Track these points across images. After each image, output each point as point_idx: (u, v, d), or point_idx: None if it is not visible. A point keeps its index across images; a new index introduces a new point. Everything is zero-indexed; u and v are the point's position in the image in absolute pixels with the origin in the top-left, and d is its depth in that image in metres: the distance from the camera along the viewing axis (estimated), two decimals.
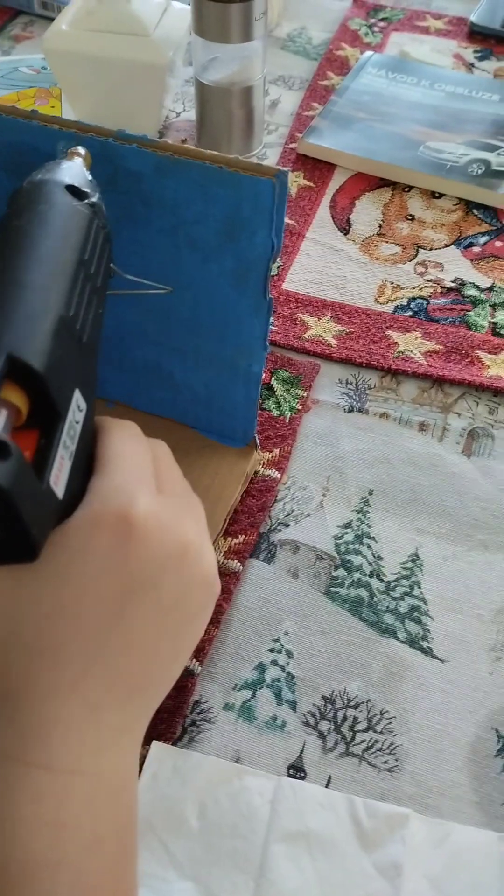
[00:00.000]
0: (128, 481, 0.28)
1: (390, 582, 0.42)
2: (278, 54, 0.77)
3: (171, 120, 0.69)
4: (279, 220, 0.35)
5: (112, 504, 0.27)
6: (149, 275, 0.40)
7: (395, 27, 0.81)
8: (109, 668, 0.27)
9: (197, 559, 0.29)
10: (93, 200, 0.31)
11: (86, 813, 0.25)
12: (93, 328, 0.29)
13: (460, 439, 0.48)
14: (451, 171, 0.63)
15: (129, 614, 0.27)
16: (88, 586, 0.26)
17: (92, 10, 0.61)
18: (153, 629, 0.28)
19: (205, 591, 0.30)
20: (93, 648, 0.26)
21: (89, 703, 0.26)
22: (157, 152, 0.34)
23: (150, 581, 0.27)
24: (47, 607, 0.26)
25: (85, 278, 0.29)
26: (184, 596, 0.29)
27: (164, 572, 0.28)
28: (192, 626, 0.30)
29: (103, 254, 0.31)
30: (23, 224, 0.29)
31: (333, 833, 0.34)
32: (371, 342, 0.53)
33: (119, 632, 0.27)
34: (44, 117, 0.35)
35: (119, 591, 0.27)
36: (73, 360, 0.27)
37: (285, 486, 0.46)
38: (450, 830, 0.34)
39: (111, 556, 0.27)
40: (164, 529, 0.28)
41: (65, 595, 0.26)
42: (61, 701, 0.26)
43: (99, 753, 0.26)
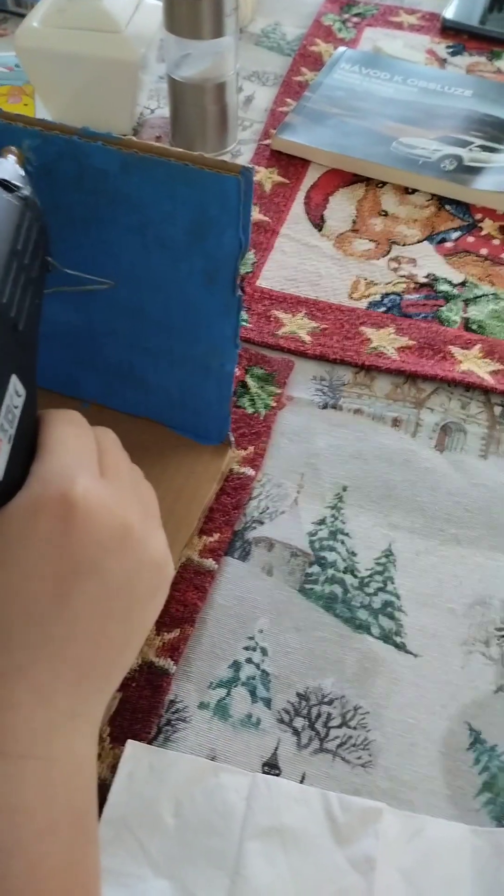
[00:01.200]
0: (68, 464, 0.28)
1: (364, 578, 0.42)
2: (252, 50, 0.77)
3: (145, 117, 0.69)
4: (246, 217, 0.35)
5: (52, 486, 0.27)
6: (118, 275, 0.40)
7: (368, 22, 0.81)
8: (56, 652, 0.26)
9: (141, 541, 0.29)
10: (24, 193, 0.32)
11: (40, 797, 0.25)
12: (29, 316, 0.30)
13: (433, 434, 0.49)
14: (424, 167, 0.64)
15: (73, 598, 0.27)
16: (31, 570, 0.26)
17: (63, 7, 0.61)
18: (99, 613, 0.28)
19: (153, 574, 0.30)
20: (38, 633, 0.26)
21: (38, 687, 0.26)
22: (121, 150, 0.34)
23: (93, 564, 0.27)
24: None
25: (19, 268, 0.30)
26: (130, 579, 0.29)
27: (106, 555, 0.28)
28: (142, 609, 0.30)
29: (38, 245, 0.32)
30: None
31: (307, 828, 0.34)
32: (345, 338, 0.53)
33: (64, 616, 0.27)
34: (8, 115, 0.34)
35: (61, 574, 0.27)
36: (9, 346, 0.28)
37: (260, 483, 0.46)
38: (423, 824, 0.35)
39: (52, 539, 0.27)
40: (105, 511, 0.28)
41: (7, 580, 0.26)
42: (10, 686, 0.26)
43: (51, 738, 0.26)
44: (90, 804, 0.27)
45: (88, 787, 0.28)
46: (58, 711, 0.26)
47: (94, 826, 0.27)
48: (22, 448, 0.29)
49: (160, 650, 0.39)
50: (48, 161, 0.35)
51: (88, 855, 0.27)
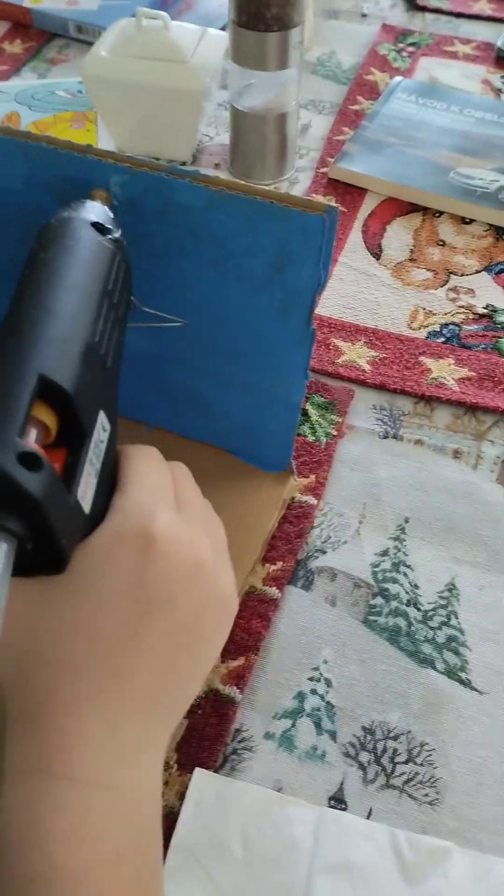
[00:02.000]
0: (148, 499, 0.29)
1: (427, 611, 0.42)
2: (308, 78, 0.78)
3: (204, 144, 0.70)
4: (327, 254, 0.36)
5: (133, 520, 0.28)
6: (194, 305, 0.41)
7: (423, 52, 0.82)
8: (125, 683, 0.27)
9: (212, 577, 0.30)
10: (115, 236, 0.33)
11: (107, 826, 0.26)
12: (115, 354, 0.31)
13: (494, 467, 0.49)
14: (482, 198, 0.64)
15: (144, 630, 0.27)
16: (106, 601, 0.27)
17: (131, 37, 0.62)
18: (168, 646, 0.28)
19: (220, 610, 0.31)
20: (108, 664, 0.27)
21: (106, 717, 0.26)
22: (209, 187, 0.35)
23: (166, 597, 0.28)
24: (67, 622, 0.27)
25: (109, 307, 0.30)
26: (199, 614, 0.29)
27: (179, 589, 0.28)
28: (207, 644, 0.31)
29: (125, 285, 0.33)
30: (51, 256, 0.30)
31: (376, 865, 0.34)
32: (405, 368, 0.53)
33: (135, 648, 0.27)
34: (99, 152, 0.35)
35: (136, 606, 0.27)
36: (99, 382, 0.29)
37: (322, 512, 0.46)
38: (492, 865, 0.34)
39: (131, 571, 0.27)
40: (181, 546, 0.28)
41: (84, 610, 0.27)
42: (79, 715, 0.26)
43: (117, 767, 0.26)
44: (155, 834, 0.28)
45: (153, 818, 0.28)
46: (125, 741, 0.27)
47: (158, 856, 0.28)
48: (105, 481, 0.29)
49: (226, 678, 0.39)
50: (134, 195, 0.36)
51: (153, 885, 0.27)
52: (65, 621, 0.27)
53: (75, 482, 0.26)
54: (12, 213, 0.38)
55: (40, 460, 0.24)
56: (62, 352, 0.27)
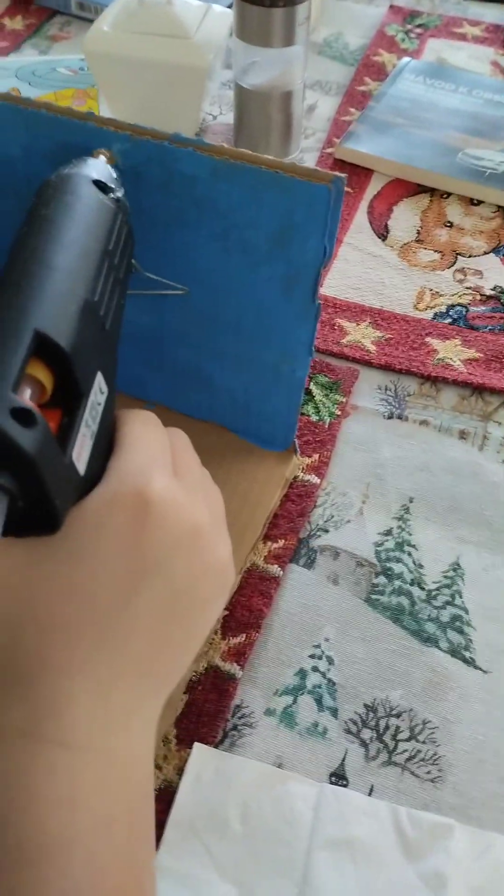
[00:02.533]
0: (145, 462, 0.29)
1: (431, 590, 0.42)
2: (315, 59, 0.77)
3: (207, 123, 0.69)
4: (333, 225, 0.35)
5: (129, 483, 0.28)
6: (196, 278, 0.40)
7: (431, 33, 0.81)
8: (118, 648, 0.27)
9: (210, 544, 0.29)
10: (118, 195, 0.32)
11: (98, 791, 0.25)
12: (114, 317, 0.30)
13: (500, 448, 0.48)
14: (490, 179, 0.63)
15: (139, 595, 0.27)
16: (102, 565, 0.27)
17: (133, 12, 0.61)
18: (163, 612, 0.28)
19: (217, 578, 0.30)
20: (102, 628, 0.26)
21: (98, 681, 0.26)
22: (213, 156, 0.34)
23: (162, 562, 0.27)
24: (60, 585, 0.26)
25: (109, 268, 0.30)
26: (195, 581, 0.29)
27: (176, 554, 0.28)
28: (203, 613, 0.30)
29: (126, 247, 0.32)
30: (51, 213, 0.30)
31: (377, 841, 0.34)
32: (410, 349, 0.53)
33: (129, 612, 0.27)
34: (99, 119, 0.35)
35: (131, 570, 0.27)
36: (97, 343, 0.28)
37: (325, 491, 0.46)
38: (493, 842, 0.34)
39: (126, 535, 0.27)
40: (179, 510, 0.28)
41: (78, 573, 0.26)
42: (72, 679, 0.26)
43: (109, 732, 0.26)
44: (146, 801, 0.27)
45: (145, 783, 0.27)
46: (117, 706, 0.26)
47: (150, 822, 0.27)
48: (101, 445, 0.29)
49: (226, 654, 0.39)
50: (136, 164, 0.36)
51: (143, 851, 0.27)
52: (58, 584, 0.26)
53: (70, 442, 0.26)
54: (11, 182, 0.37)
55: (34, 416, 0.23)
56: (60, 308, 0.26)
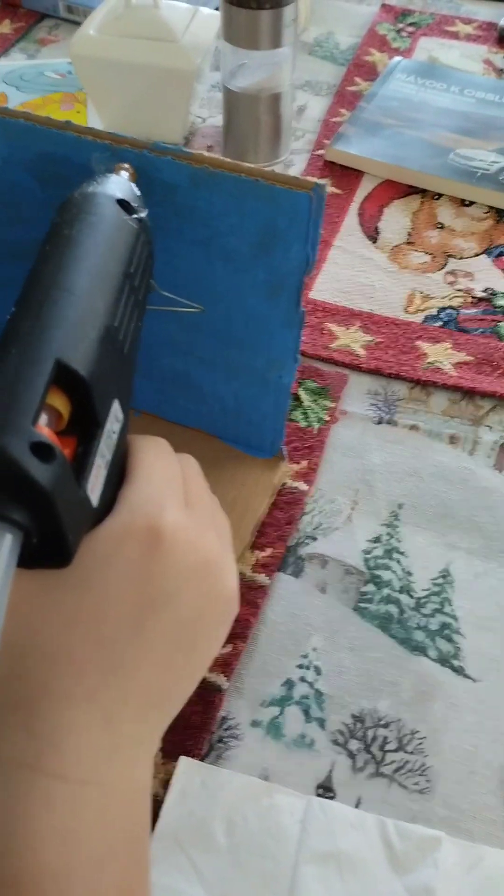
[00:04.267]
0: (157, 493, 0.28)
1: (420, 598, 0.41)
2: (305, 59, 0.76)
3: (196, 126, 0.69)
4: (315, 233, 0.35)
5: (141, 514, 0.27)
6: (180, 286, 0.40)
7: (423, 32, 0.80)
8: (125, 679, 0.26)
9: (218, 575, 0.29)
10: (141, 216, 0.31)
11: (97, 823, 0.25)
12: (133, 340, 0.30)
13: (491, 453, 0.48)
14: (482, 179, 0.63)
15: (148, 626, 0.27)
16: (111, 596, 0.26)
17: (120, 15, 0.61)
18: (170, 643, 0.28)
19: (223, 608, 0.30)
20: (110, 659, 0.26)
21: (104, 713, 0.26)
22: (192, 164, 0.34)
23: (171, 594, 0.27)
24: (68, 614, 0.26)
25: (129, 290, 0.29)
26: (202, 611, 0.29)
27: (185, 586, 0.28)
28: (208, 642, 0.30)
29: (146, 268, 0.31)
30: (73, 234, 0.29)
31: (364, 855, 0.33)
32: (400, 353, 0.52)
33: (137, 643, 0.27)
34: (78, 128, 0.34)
35: (140, 601, 0.27)
36: (115, 370, 0.28)
37: (313, 498, 0.46)
38: (482, 854, 0.34)
39: (136, 567, 0.27)
40: (189, 542, 0.28)
41: (87, 603, 0.26)
42: (76, 710, 0.25)
43: (112, 764, 0.26)
44: (145, 833, 0.27)
45: (144, 816, 0.27)
46: (120, 738, 0.26)
47: (147, 855, 0.27)
48: (114, 473, 0.28)
49: (212, 665, 0.39)
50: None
51: (141, 884, 0.27)
52: (66, 614, 0.26)
53: (85, 474, 0.25)
54: None
55: (53, 451, 0.23)
56: (81, 336, 0.26)
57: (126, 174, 0.33)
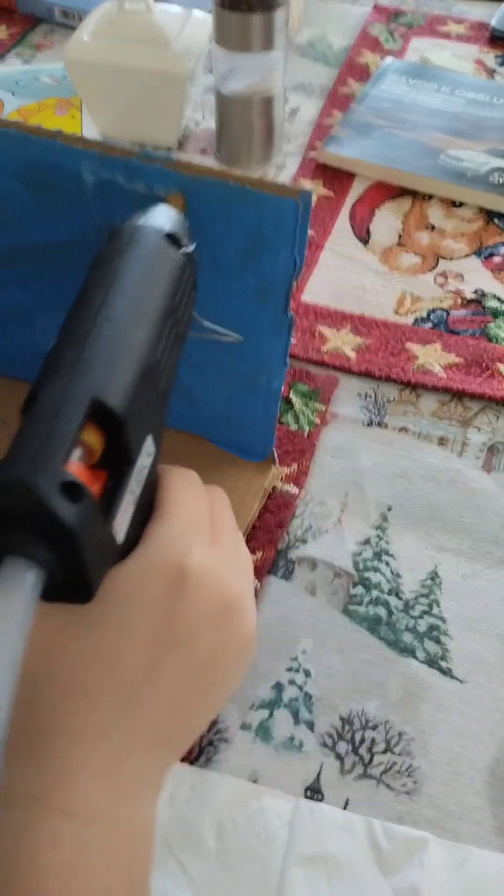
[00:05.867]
0: (185, 531, 0.28)
1: (409, 600, 0.42)
2: (298, 61, 0.76)
3: (190, 129, 0.69)
4: (302, 239, 0.35)
5: (167, 553, 0.27)
6: None
7: (415, 32, 0.81)
8: (138, 718, 0.26)
9: (238, 618, 0.29)
10: (189, 250, 0.31)
11: (100, 861, 0.25)
12: (170, 374, 0.30)
13: (480, 454, 0.48)
14: (472, 180, 0.63)
15: (165, 666, 0.27)
16: (130, 633, 0.26)
17: (113, 20, 0.61)
18: (185, 684, 0.27)
19: (241, 651, 0.30)
20: (124, 697, 0.26)
21: (114, 751, 0.26)
22: (180, 172, 0.34)
23: (191, 635, 0.27)
24: (86, 649, 0.26)
25: (172, 324, 0.29)
26: (220, 654, 0.28)
27: (205, 627, 0.28)
28: (223, 684, 0.30)
29: (190, 301, 0.31)
30: (122, 265, 0.29)
31: (352, 856, 0.34)
32: (390, 355, 0.53)
33: (152, 681, 0.27)
34: (67, 137, 0.35)
35: (159, 640, 0.27)
36: (151, 405, 0.27)
37: (303, 501, 0.46)
38: (468, 855, 0.34)
39: (159, 605, 0.27)
40: (213, 583, 0.28)
41: (105, 640, 0.26)
42: (87, 746, 0.25)
43: (118, 802, 0.26)
44: (146, 869, 0.27)
45: (147, 853, 0.27)
46: (129, 776, 0.26)
47: (147, 891, 0.27)
48: (142, 506, 0.28)
49: None
50: (105, 181, 0.35)
51: None
52: (84, 648, 0.26)
53: (113, 511, 0.25)
54: None
55: (82, 491, 0.23)
56: (120, 373, 0.26)
57: (174, 205, 0.33)
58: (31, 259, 0.41)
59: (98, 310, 0.27)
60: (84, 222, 0.38)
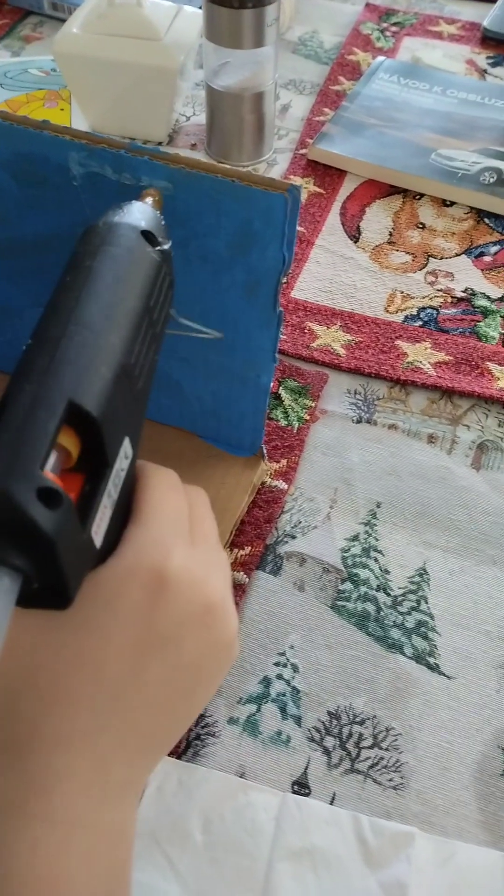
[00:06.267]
0: (164, 534, 0.28)
1: (397, 596, 0.42)
2: (289, 58, 0.76)
3: (181, 124, 0.69)
4: (290, 234, 0.35)
5: (147, 557, 0.27)
6: None
7: (407, 32, 0.81)
8: (122, 722, 0.26)
9: (221, 620, 0.29)
10: (164, 248, 0.30)
11: (82, 866, 0.25)
12: (147, 375, 0.29)
13: (469, 452, 0.48)
14: (463, 179, 0.63)
15: (148, 670, 0.26)
16: (112, 638, 0.26)
17: (103, 13, 0.61)
18: (169, 687, 0.27)
19: (224, 653, 0.30)
20: (108, 702, 0.26)
21: (98, 756, 0.26)
22: (169, 165, 0.34)
23: (173, 637, 0.27)
24: (67, 655, 0.26)
25: (148, 325, 0.29)
26: (203, 657, 0.28)
27: (186, 630, 0.27)
28: (206, 687, 0.30)
29: (166, 300, 0.31)
30: (95, 265, 0.28)
31: (339, 851, 0.34)
32: (380, 352, 0.53)
33: (136, 687, 0.26)
34: (55, 127, 0.34)
35: (141, 645, 0.26)
36: (128, 407, 0.27)
37: (292, 497, 0.46)
38: (455, 850, 0.34)
39: (139, 610, 0.26)
40: (193, 587, 0.27)
41: (87, 645, 0.26)
42: (69, 753, 0.25)
43: (101, 807, 0.26)
44: (127, 872, 0.27)
45: (127, 855, 0.27)
46: (112, 782, 0.26)
47: (128, 892, 0.27)
48: (120, 510, 0.28)
49: None
50: (93, 172, 0.35)
51: None
52: (64, 654, 0.26)
53: (91, 517, 0.25)
54: None
55: (59, 496, 0.22)
56: (95, 375, 0.25)
57: (151, 199, 0.32)
58: (20, 253, 0.41)
59: (71, 311, 0.26)
60: (73, 216, 0.37)
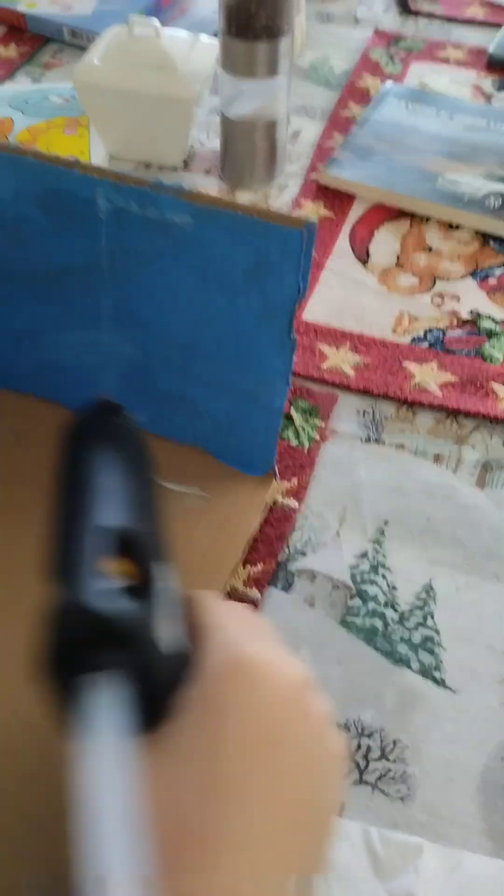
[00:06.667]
0: (236, 634, 0.28)
1: (404, 612, 0.43)
2: (300, 83, 0.78)
3: (195, 150, 0.71)
4: (306, 266, 0.37)
5: (225, 656, 0.27)
6: (177, 311, 0.42)
7: (415, 57, 0.83)
8: (259, 849, 0.25)
9: (311, 697, 0.28)
10: None
11: None
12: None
13: (474, 471, 0.50)
14: (469, 204, 0.65)
15: (273, 763, 0.25)
16: (226, 750, 0.25)
17: (123, 44, 0.63)
18: (295, 780, 0.26)
19: (328, 730, 0.28)
20: (240, 829, 0.24)
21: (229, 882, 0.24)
22: (192, 202, 0.36)
23: (282, 722, 0.26)
24: (195, 784, 0.24)
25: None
26: (311, 748, 0.27)
27: (287, 715, 0.26)
28: (328, 786, 0.28)
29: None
30: None
31: (350, 863, 0.35)
32: (388, 373, 0.54)
33: (264, 784, 0.25)
34: (85, 166, 0.36)
35: (258, 742, 0.25)
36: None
37: (303, 515, 0.47)
38: (461, 859, 0.35)
39: (240, 708, 0.26)
40: (275, 666, 0.27)
41: (207, 767, 0.25)
42: (200, 881, 0.23)
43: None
44: None
45: None
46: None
47: None
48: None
49: None
50: (119, 208, 0.37)
51: None
52: (192, 784, 0.24)
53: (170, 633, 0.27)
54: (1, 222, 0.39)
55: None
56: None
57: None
58: (44, 279, 0.43)
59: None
60: (97, 246, 0.39)
